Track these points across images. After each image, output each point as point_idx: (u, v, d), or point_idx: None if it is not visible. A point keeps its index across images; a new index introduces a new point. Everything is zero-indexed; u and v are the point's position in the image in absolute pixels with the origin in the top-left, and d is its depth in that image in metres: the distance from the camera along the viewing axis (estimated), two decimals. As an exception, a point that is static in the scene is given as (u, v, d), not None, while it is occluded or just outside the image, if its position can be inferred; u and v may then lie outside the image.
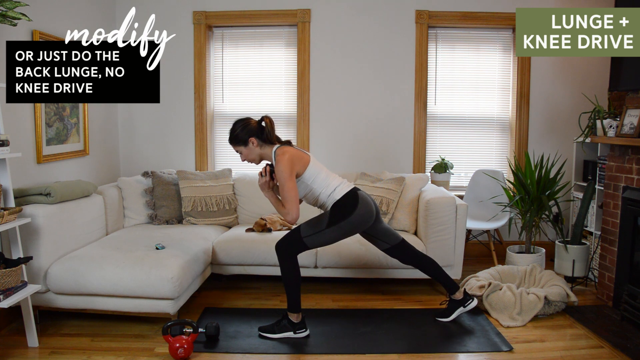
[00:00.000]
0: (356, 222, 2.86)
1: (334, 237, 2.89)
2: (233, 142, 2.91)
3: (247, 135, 2.85)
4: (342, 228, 2.85)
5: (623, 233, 3.32)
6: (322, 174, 2.89)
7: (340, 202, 2.85)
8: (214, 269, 3.67)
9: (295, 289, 2.91)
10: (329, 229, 2.84)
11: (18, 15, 2.74)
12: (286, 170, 2.72)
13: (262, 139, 2.86)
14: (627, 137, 3.27)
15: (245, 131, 2.86)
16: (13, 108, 3.11)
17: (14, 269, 2.62)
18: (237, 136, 2.88)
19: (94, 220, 3.50)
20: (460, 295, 3.14)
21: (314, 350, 2.81)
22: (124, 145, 4.64)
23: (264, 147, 2.88)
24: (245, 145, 2.88)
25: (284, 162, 2.73)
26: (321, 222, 2.87)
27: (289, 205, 2.73)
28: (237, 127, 2.89)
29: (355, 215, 2.84)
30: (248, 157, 2.92)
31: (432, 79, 4.56)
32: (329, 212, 2.87)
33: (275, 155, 2.80)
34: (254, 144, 2.86)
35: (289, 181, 2.73)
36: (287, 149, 2.83)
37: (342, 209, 2.84)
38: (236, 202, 4.17)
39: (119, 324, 3.09)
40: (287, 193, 2.73)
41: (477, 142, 4.66)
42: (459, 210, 3.56)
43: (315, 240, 2.87)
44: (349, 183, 2.95)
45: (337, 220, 2.84)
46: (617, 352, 2.75)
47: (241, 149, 2.90)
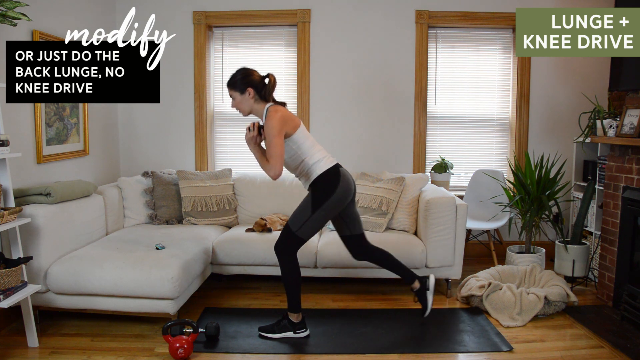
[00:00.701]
0: (338, 199, 2.84)
1: (323, 220, 2.87)
2: (230, 86, 2.87)
3: (247, 85, 2.82)
4: (327, 208, 2.83)
5: (623, 233, 3.32)
6: (308, 142, 2.87)
7: (322, 179, 2.83)
8: (214, 269, 3.67)
9: (295, 289, 2.91)
10: (315, 213, 2.82)
11: (18, 15, 2.74)
12: (276, 127, 2.71)
13: (260, 94, 2.85)
14: (627, 137, 3.27)
15: (246, 80, 2.83)
16: (13, 108, 3.11)
17: (14, 269, 2.62)
18: (236, 82, 2.85)
19: (94, 220, 3.50)
20: (418, 284, 3.14)
21: (314, 350, 2.81)
22: (124, 145, 4.64)
23: (258, 102, 2.86)
24: (241, 93, 2.84)
25: (276, 118, 2.72)
26: (306, 209, 2.84)
27: (274, 160, 2.71)
28: (238, 74, 2.86)
29: (336, 193, 2.82)
30: (239, 106, 2.89)
31: (432, 79, 4.56)
32: (310, 196, 2.86)
33: (268, 112, 2.79)
34: (250, 94, 2.83)
35: (277, 138, 2.71)
36: (280, 107, 2.82)
37: (323, 188, 2.82)
38: (236, 202, 4.17)
39: (119, 324, 3.09)
40: (274, 149, 2.71)
41: (477, 142, 4.66)
42: (459, 210, 3.56)
43: (307, 230, 2.85)
44: (332, 158, 2.91)
45: (320, 201, 2.82)
46: (617, 352, 2.75)
47: (235, 95, 2.87)
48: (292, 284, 2.90)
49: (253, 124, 2.83)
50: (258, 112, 2.88)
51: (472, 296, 3.38)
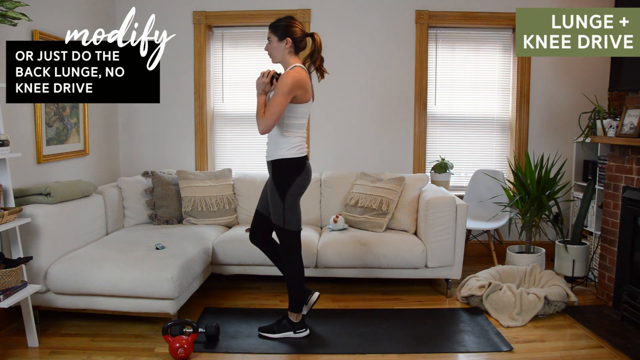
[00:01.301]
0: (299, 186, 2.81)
1: (296, 203, 2.84)
2: (272, 29, 2.80)
3: (287, 34, 2.77)
4: (293, 193, 2.80)
5: (623, 233, 3.32)
6: (300, 122, 2.81)
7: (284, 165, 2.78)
8: (214, 269, 3.67)
9: (298, 288, 2.91)
10: (286, 201, 2.79)
11: (18, 15, 2.74)
12: (288, 85, 2.66)
13: (296, 48, 2.80)
14: (627, 137, 3.27)
15: (289, 30, 2.77)
16: (13, 108, 3.11)
17: (14, 269, 2.62)
18: (279, 27, 2.78)
19: (94, 220, 3.50)
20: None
21: (314, 350, 2.81)
22: (124, 145, 4.64)
23: (291, 55, 2.80)
24: (279, 39, 2.78)
25: (293, 79, 2.67)
26: (276, 202, 2.81)
27: (269, 115, 2.66)
28: (284, 21, 2.79)
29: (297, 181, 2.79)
30: (272, 50, 2.82)
31: (432, 79, 4.56)
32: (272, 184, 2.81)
33: (291, 69, 2.75)
34: (287, 44, 2.77)
35: (284, 97, 2.66)
36: (305, 73, 2.77)
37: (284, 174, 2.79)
38: (236, 202, 4.17)
39: (119, 324, 3.09)
40: (275, 107, 2.66)
41: (477, 142, 4.66)
42: (459, 210, 3.56)
43: (290, 219, 2.82)
44: (305, 149, 2.85)
45: (284, 188, 2.78)
46: (617, 352, 2.75)
47: (273, 39, 2.80)
48: (295, 283, 2.90)
49: (268, 70, 2.78)
50: (286, 64, 2.82)
51: (472, 296, 3.38)
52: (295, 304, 2.93)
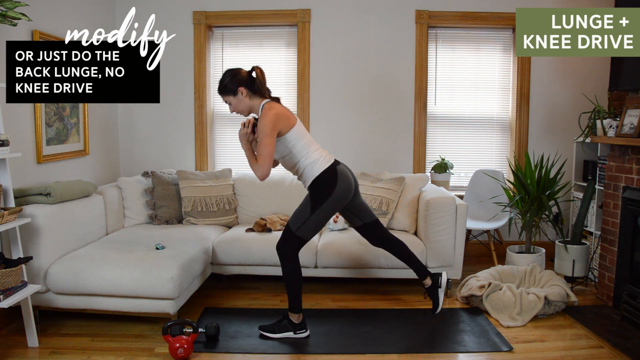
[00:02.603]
0: (338, 199, 2.84)
1: (323, 220, 2.86)
2: (222, 92, 2.83)
3: (236, 85, 2.78)
4: (326, 209, 2.82)
5: (623, 233, 3.32)
6: (304, 141, 2.83)
7: (319, 181, 2.81)
8: (214, 269, 3.67)
9: (296, 289, 2.91)
10: (314, 214, 2.81)
11: (18, 15, 2.74)
12: (269, 125, 2.67)
13: (252, 89, 2.80)
14: (627, 137, 3.27)
15: (234, 80, 2.79)
16: (13, 108, 3.11)
17: (14, 269, 2.62)
18: (225, 85, 2.81)
19: (94, 220, 3.50)
20: (429, 280, 3.12)
21: (314, 350, 2.81)
22: (124, 145, 4.64)
23: (253, 98, 2.82)
24: (234, 95, 2.80)
25: (269, 116, 2.68)
26: (305, 210, 2.83)
27: (262, 160, 2.69)
28: (226, 77, 2.81)
29: (335, 193, 2.81)
30: (237, 108, 2.85)
31: (432, 79, 4.56)
32: (309, 196, 2.84)
33: (262, 109, 2.76)
34: (243, 94, 2.79)
35: (269, 137, 2.68)
36: (276, 105, 2.79)
37: (322, 189, 2.81)
38: (236, 202, 4.17)
39: (119, 324, 3.09)
40: (264, 148, 2.68)
41: (477, 142, 4.66)
42: (459, 210, 3.56)
43: (307, 230, 2.84)
44: (329, 157, 2.88)
45: (319, 202, 2.80)
46: (617, 352, 2.75)
47: (230, 99, 2.83)
48: (293, 284, 2.90)
49: (248, 120, 2.81)
50: (255, 109, 2.84)
51: (472, 296, 3.38)
52: (294, 305, 2.93)
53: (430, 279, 3.13)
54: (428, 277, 3.13)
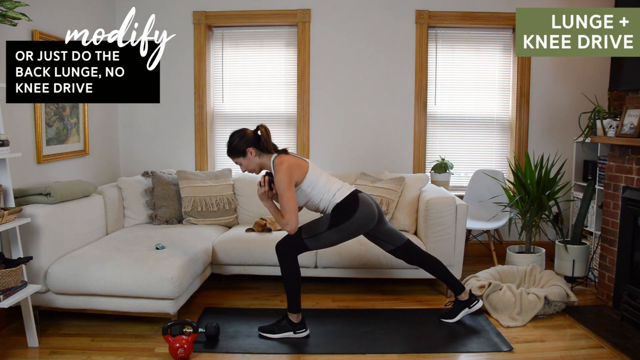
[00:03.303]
0: (357, 224, 2.86)
1: (336, 239, 2.89)
2: (232, 154, 2.91)
3: (245, 146, 2.86)
4: (343, 230, 2.85)
5: (623, 233, 3.32)
6: (322, 180, 2.88)
7: (341, 205, 2.85)
8: (214, 269, 3.67)
9: (295, 289, 2.91)
10: (329, 231, 2.84)
11: (18, 15, 2.74)
12: (285, 180, 2.72)
13: (260, 148, 2.87)
14: (627, 137, 3.27)
15: (242, 142, 2.86)
16: (13, 108, 3.11)
17: (14, 269, 2.62)
18: (235, 147, 2.88)
19: (94, 220, 3.50)
20: (465, 296, 3.14)
21: (314, 350, 2.81)
22: (124, 145, 4.64)
23: (262, 156, 2.88)
24: (244, 156, 2.88)
25: (283, 171, 2.73)
26: (322, 224, 2.87)
27: (288, 215, 2.74)
28: (234, 139, 2.89)
29: (356, 217, 2.84)
30: (248, 168, 2.92)
31: (432, 79, 4.56)
32: (329, 215, 2.87)
33: (274, 165, 2.81)
34: (252, 154, 2.86)
35: (288, 191, 2.73)
36: (285, 157, 2.83)
37: (343, 211, 2.84)
38: (236, 202, 4.17)
39: (119, 324, 3.09)
40: (287, 203, 2.73)
41: (477, 142, 4.66)
42: (459, 210, 3.56)
43: (316, 242, 2.87)
44: (349, 186, 2.94)
45: (338, 222, 2.84)
46: (617, 352, 2.75)
47: (240, 160, 2.90)
48: (292, 284, 2.90)
49: (264, 178, 2.85)
50: (266, 165, 2.91)
51: (472, 296, 3.38)
52: (293, 305, 2.93)
53: (467, 295, 3.14)
54: (464, 293, 3.14)
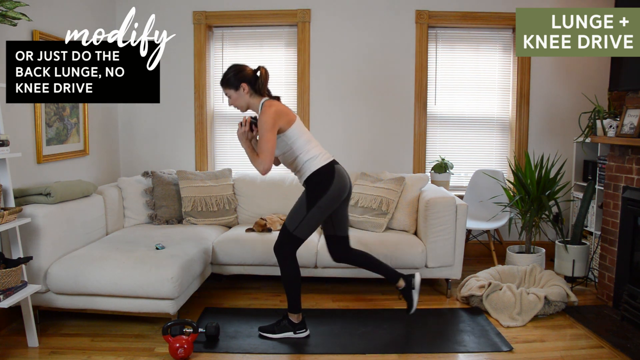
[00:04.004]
0: (333, 197, 2.84)
1: (319, 218, 2.86)
2: (224, 85, 2.87)
3: (240, 81, 2.82)
4: (322, 206, 2.83)
5: (623, 233, 3.32)
6: (304, 138, 2.85)
7: (316, 177, 2.82)
8: (214, 269, 3.67)
9: (295, 289, 2.91)
10: (310, 212, 2.82)
11: (18, 15, 2.74)
12: (269, 122, 2.70)
13: (254, 88, 2.84)
14: (627, 137, 3.27)
15: (239, 75, 2.83)
16: (13, 108, 3.11)
17: (14, 269, 2.62)
18: (229, 79, 2.85)
19: (94, 220, 3.50)
20: (403, 283, 3.11)
21: (314, 350, 2.81)
22: (124, 145, 4.64)
23: (253, 96, 2.86)
24: (235, 90, 2.84)
25: (269, 113, 2.72)
26: (300, 209, 2.84)
27: (264, 155, 2.70)
28: (230, 71, 2.86)
29: (331, 190, 2.82)
30: (236, 102, 2.89)
31: (432, 79, 4.56)
32: (305, 194, 2.85)
33: (262, 106, 2.79)
34: (244, 90, 2.83)
35: (269, 133, 2.70)
36: (275, 102, 2.82)
37: (318, 185, 2.82)
38: (236, 202, 4.17)
39: (119, 324, 3.09)
40: (265, 144, 2.70)
41: (477, 142, 4.66)
42: (459, 210, 3.56)
43: (304, 229, 2.85)
44: (327, 155, 2.90)
45: (315, 200, 2.81)
46: (617, 352, 2.75)
47: (231, 93, 2.86)
48: (292, 284, 2.90)
49: (245, 119, 2.83)
50: (254, 106, 2.88)
51: (472, 296, 3.38)
52: (293, 305, 2.93)
53: (403, 281, 3.11)
54: (400, 279, 3.12)
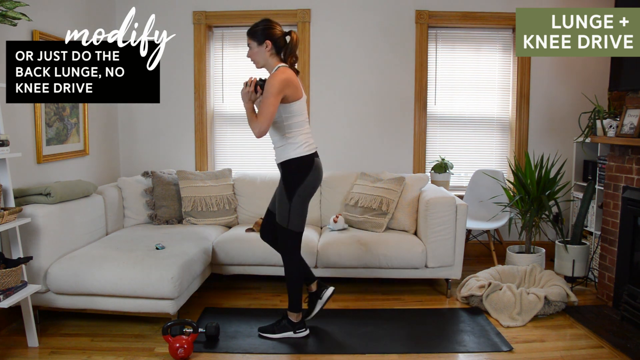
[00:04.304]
0: (309, 187, 2.81)
1: (302, 205, 2.83)
2: (250, 35, 2.79)
3: (266, 37, 2.75)
4: (301, 194, 2.80)
5: (623, 233, 3.32)
6: (300, 119, 2.80)
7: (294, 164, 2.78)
8: (214, 269, 3.67)
9: (298, 288, 2.91)
10: (293, 201, 2.79)
11: (18, 15, 2.74)
12: (277, 86, 2.64)
13: (278, 49, 2.79)
14: (627, 137, 3.27)
15: (266, 32, 2.76)
16: (13, 108, 3.11)
17: (14, 269, 2.62)
18: (256, 32, 2.77)
19: (94, 220, 3.50)
20: (315, 287, 3.09)
21: (314, 350, 2.81)
22: (124, 145, 4.64)
23: (273, 57, 2.79)
24: (259, 44, 2.77)
25: (280, 78, 2.66)
26: (283, 201, 2.81)
27: (262, 118, 2.64)
28: (261, 24, 2.78)
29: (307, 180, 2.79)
30: (254, 56, 2.82)
31: (432, 79, 4.56)
32: (282, 183, 2.82)
33: (277, 70, 2.74)
34: (267, 47, 2.76)
35: (274, 97, 2.64)
36: (290, 71, 2.75)
37: (293, 175, 2.79)
38: (236, 202, 4.17)
39: (119, 324, 3.09)
40: (267, 108, 2.64)
41: (477, 142, 4.65)
42: (459, 210, 3.56)
43: (295, 220, 2.82)
44: (312, 146, 2.86)
45: (293, 189, 2.78)
46: (617, 352, 2.75)
47: (253, 45, 2.80)
48: (295, 283, 2.90)
49: (251, 79, 2.77)
50: (270, 67, 2.81)
51: (472, 296, 3.38)
52: (294, 304, 2.93)
53: (316, 286, 3.09)
54: (315, 283, 3.09)
